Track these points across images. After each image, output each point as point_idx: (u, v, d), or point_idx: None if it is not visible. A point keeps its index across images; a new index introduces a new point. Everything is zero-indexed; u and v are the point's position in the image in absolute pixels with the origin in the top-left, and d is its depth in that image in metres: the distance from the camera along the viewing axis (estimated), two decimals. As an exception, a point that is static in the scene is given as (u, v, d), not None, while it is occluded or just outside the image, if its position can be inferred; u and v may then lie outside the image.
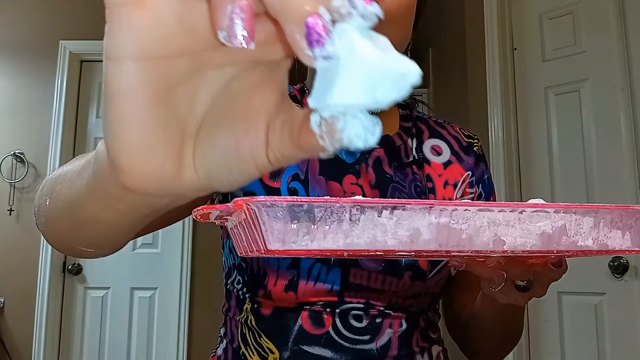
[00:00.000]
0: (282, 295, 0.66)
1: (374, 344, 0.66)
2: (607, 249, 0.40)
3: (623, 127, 2.12)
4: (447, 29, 2.99)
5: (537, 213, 0.38)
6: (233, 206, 0.34)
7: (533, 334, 2.29)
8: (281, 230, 0.34)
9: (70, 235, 0.39)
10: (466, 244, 0.37)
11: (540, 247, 0.38)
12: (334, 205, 0.35)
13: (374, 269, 0.66)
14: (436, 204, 0.36)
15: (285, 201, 0.34)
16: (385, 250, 0.36)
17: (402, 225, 0.36)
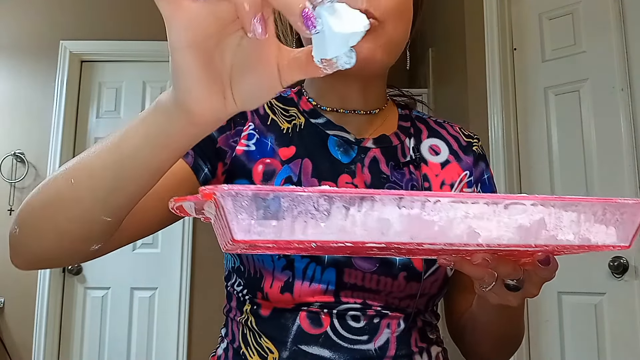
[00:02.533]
0: (279, 296, 0.66)
1: (372, 344, 0.66)
2: (589, 244, 0.39)
3: (623, 127, 2.12)
4: (447, 29, 2.99)
5: (514, 205, 0.37)
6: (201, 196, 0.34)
7: (533, 334, 2.29)
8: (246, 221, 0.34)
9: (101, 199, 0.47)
10: (439, 236, 0.36)
11: (517, 241, 0.37)
12: (300, 195, 0.34)
13: (368, 270, 0.66)
14: (406, 195, 0.35)
15: (250, 190, 0.33)
16: (355, 242, 0.35)
17: (372, 216, 0.35)
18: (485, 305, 0.66)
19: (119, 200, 0.48)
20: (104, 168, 0.46)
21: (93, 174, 0.47)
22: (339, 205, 0.35)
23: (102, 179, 0.46)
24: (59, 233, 0.50)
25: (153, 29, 3.25)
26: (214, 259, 2.78)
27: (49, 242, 0.52)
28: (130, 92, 3.28)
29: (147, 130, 0.44)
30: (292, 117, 0.75)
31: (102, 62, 3.31)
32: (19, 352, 2.98)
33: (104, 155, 0.46)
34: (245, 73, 0.39)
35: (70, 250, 0.52)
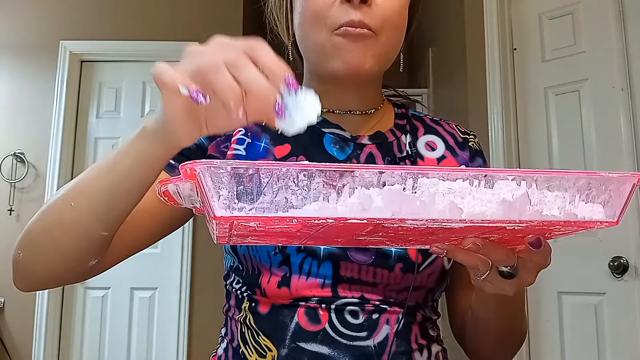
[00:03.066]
0: (277, 291, 0.66)
1: (371, 340, 0.66)
2: (575, 220, 0.38)
3: (623, 127, 2.12)
4: (447, 29, 2.99)
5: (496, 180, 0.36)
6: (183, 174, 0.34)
7: (533, 334, 2.28)
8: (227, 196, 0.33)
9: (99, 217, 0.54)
10: (421, 212, 0.35)
11: (501, 216, 0.36)
12: (280, 169, 0.34)
13: (364, 262, 0.66)
14: (386, 169, 0.35)
15: (229, 166, 0.33)
16: (337, 218, 0.34)
17: (353, 191, 0.34)
18: (484, 299, 0.66)
19: (114, 215, 0.55)
20: (100, 190, 0.53)
21: (90, 196, 0.54)
22: (319, 180, 0.34)
23: (99, 199, 0.53)
24: (61, 253, 0.57)
25: (153, 29, 3.27)
26: (214, 259, 2.78)
27: (51, 262, 0.58)
28: (130, 92, 3.28)
29: (135, 154, 0.51)
30: None
31: (102, 62, 3.31)
32: (19, 352, 2.98)
33: (98, 178, 0.54)
34: (217, 114, 0.45)
35: (70, 269, 0.59)
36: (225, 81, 0.41)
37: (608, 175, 0.38)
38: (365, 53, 0.66)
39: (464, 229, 0.40)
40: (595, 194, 0.38)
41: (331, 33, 0.66)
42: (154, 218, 0.69)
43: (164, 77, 0.42)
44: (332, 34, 0.66)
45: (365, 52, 0.66)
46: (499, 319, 0.69)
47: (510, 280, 0.51)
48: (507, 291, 0.53)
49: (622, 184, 0.38)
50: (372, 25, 0.66)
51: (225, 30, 3.27)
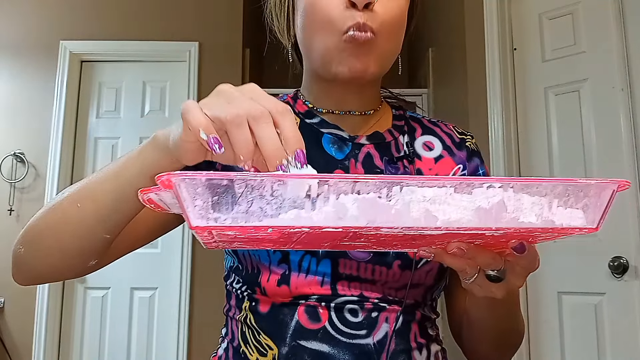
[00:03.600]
0: (276, 290, 0.67)
1: (370, 338, 0.66)
2: (553, 227, 0.38)
3: (623, 127, 2.12)
4: (447, 29, 2.99)
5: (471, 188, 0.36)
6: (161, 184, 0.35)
7: (533, 334, 2.29)
8: (202, 207, 0.34)
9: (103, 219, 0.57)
10: (395, 220, 0.35)
11: (477, 224, 0.36)
12: (254, 180, 0.34)
13: (362, 259, 0.67)
14: (361, 178, 0.35)
15: (204, 177, 0.33)
16: (312, 227, 0.35)
17: (328, 200, 0.35)
18: (476, 301, 0.66)
19: (118, 219, 0.57)
20: (106, 193, 0.56)
21: (97, 199, 0.57)
22: (294, 190, 0.35)
23: (104, 202, 0.56)
24: (64, 250, 0.59)
25: (153, 29, 3.27)
26: (214, 259, 2.79)
27: (53, 258, 0.60)
28: (130, 92, 3.28)
29: (143, 162, 0.54)
30: None
31: (102, 62, 3.31)
32: (19, 352, 2.98)
33: (105, 182, 0.56)
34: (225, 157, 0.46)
35: (71, 265, 0.61)
36: (243, 137, 0.43)
37: (586, 182, 0.38)
38: (369, 58, 0.68)
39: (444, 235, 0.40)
40: (574, 201, 0.38)
41: (338, 38, 0.67)
42: (156, 217, 0.70)
43: (190, 117, 0.44)
44: (340, 39, 0.67)
45: (369, 57, 0.68)
46: (493, 319, 0.69)
47: (498, 284, 0.51)
48: (495, 294, 0.53)
49: (601, 190, 0.38)
50: (373, 27, 0.67)
51: (225, 30, 3.27)
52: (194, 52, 3.21)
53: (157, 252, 3.12)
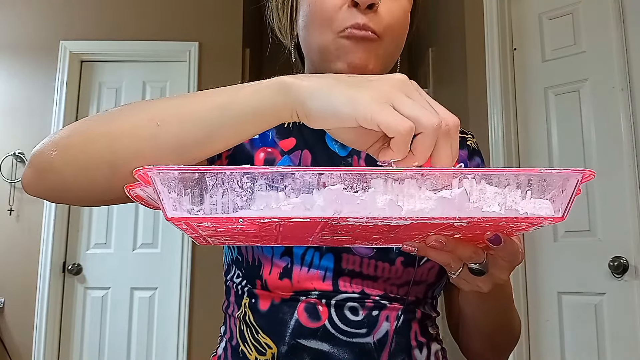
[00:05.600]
0: (278, 283, 0.67)
1: (371, 337, 0.66)
2: (517, 216, 0.39)
3: (623, 127, 2.12)
4: (447, 29, 2.99)
5: (433, 179, 0.37)
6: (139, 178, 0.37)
7: (533, 334, 2.29)
8: (175, 199, 0.36)
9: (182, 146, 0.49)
10: (361, 210, 0.37)
11: (440, 213, 0.38)
12: (224, 173, 0.36)
13: (365, 255, 0.67)
14: (326, 171, 0.36)
15: (176, 170, 0.35)
16: (281, 217, 0.36)
17: (295, 192, 0.36)
18: (466, 297, 0.67)
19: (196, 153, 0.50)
20: (202, 121, 0.48)
21: (185, 123, 0.48)
22: (262, 183, 0.36)
23: (195, 131, 0.48)
24: (115, 165, 0.50)
25: (153, 29, 3.27)
26: (214, 259, 2.79)
27: (97, 172, 0.50)
28: (130, 92, 3.28)
29: (260, 102, 0.47)
30: None
31: (102, 62, 3.31)
32: (19, 352, 2.98)
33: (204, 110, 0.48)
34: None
35: (112, 182, 0.51)
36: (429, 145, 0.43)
37: (548, 172, 0.39)
38: (368, 55, 0.68)
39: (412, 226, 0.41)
40: (537, 190, 0.39)
41: (336, 35, 0.67)
42: None
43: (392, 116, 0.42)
44: (337, 36, 0.67)
45: (368, 54, 0.68)
46: (484, 316, 0.70)
47: (482, 278, 0.52)
48: (481, 288, 0.53)
49: (565, 180, 0.39)
50: (376, 29, 0.67)
51: (225, 30, 3.27)
52: (194, 52, 3.21)
53: (157, 252, 3.12)
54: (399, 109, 0.43)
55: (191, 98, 0.50)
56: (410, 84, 0.46)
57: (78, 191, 0.53)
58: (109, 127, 0.51)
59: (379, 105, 0.42)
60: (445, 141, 0.43)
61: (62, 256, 3.10)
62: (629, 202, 2.07)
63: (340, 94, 0.44)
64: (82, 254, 3.13)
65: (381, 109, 0.42)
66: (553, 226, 2.28)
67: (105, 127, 0.51)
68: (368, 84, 0.45)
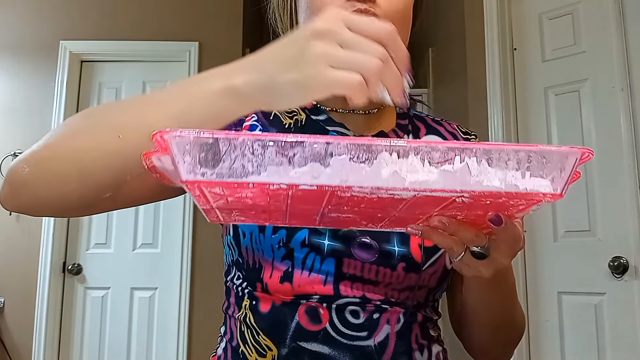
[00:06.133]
0: (279, 286, 0.66)
1: (371, 340, 0.66)
2: (517, 191, 0.40)
3: (623, 127, 2.12)
4: (447, 29, 2.99)
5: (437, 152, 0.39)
6: (155, 143, 0.38)
7: (533, 334, 2.29)
8: (190, 162, 0.37)
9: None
10: (366, 180, 0.38)
11: (442, 186, 0.39)
12: (236, 139, 0.37)
13: (367, 260, 0.67)
14: (334, 140, 0.38)
15: (192, 135, 0.37)
16: (289, 184, 0.38)
17: (304, 159, 0.38)
18: (469, 286, 0.66)
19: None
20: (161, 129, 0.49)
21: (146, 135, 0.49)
22: (272, 150, 0.38)
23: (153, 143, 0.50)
24: (84, 178, 0.52)
25: (153, 29, 3.27)
26: (214, 259, 2.78)
27: (68, 186, 0.52)
28: (130, 92, 3.28)
29: (217, 110, 0.49)
30: (294, 113, 0.77)
31: (102, 62, 3.31)
32: (19, 352, 2.98)
33: (163, 121, 0.49)
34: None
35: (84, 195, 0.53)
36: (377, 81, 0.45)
37: (547, 149, 0.40)
38: None
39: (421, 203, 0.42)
40: (537, 167, 0.40)
41: None
42: None
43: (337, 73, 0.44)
44: None
45: None
46: (487, 306, 0.69)
47: (484, 262, 0.52)
48: (483, 273, 0.53)
49: (564, 157, 0.40)
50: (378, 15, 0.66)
51: (225, 30, 3.27)
52: (194, 52, 3.21)
53: (157, 252, 3.12)
54: (339, 66, 0.45)
55: (149, 108, 0.52)
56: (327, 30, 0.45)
57: (53, 205, 0.55)
58: (75, 142, 0.52)
59: (321, 77, 0.45)
60: (390, 70, 0.45)
61: (62, 256, 3.10)
62: (629, 202, 2.07)
63: (284, 84, 0.46)
64: (82, 254, 3.13)
65: (325, 79, 0.45)
66: (553, 226, 2.28)
67: (72, 142, 0.53)
68: (299, 58, 0.46)
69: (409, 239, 0.68)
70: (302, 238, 0.66)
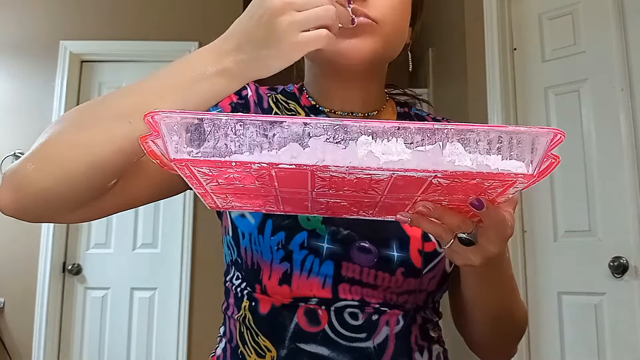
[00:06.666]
0: (277, 289, 0.66)
1: (370, 341, 0.66)
2: (489, 171, 0.41)
3: (623, 127, 2.12)
4: (447, 29, 2.99)
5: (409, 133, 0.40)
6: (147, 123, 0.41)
7: (533, 334, 2.29)
8: (177, 141, 0.40)
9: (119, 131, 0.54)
10: (342, 159, 0.40)
11: (415, 166, 0.40)
12: (220, 119, 0.40)
13: (366, 264, 0.67)
14: (311, 121, 0.40)
15: (178, 115, 0.40)
16: (269, 163, 0.40)
17: (283, 140, 0.40)
18: (465, 279, 0.66)
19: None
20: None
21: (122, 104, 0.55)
22: (252, 130, 0.40)
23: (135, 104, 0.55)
24: (93, 166, 0.54)
25: (153, 29, 3.27)
26: (214, 259, 2.78)
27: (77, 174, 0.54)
28: (130, 92, 3.28)
29: (214, 89, 0.56)
30: (292, 112, 0.77)
31: (102, 62, 3.31)
32: (19, 352, 2.98)
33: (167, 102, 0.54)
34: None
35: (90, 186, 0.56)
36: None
37: (518, 129, 0.41)
38: (361, 42, 0.66)
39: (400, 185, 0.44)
40: (508, 148, 0.41)
41: None
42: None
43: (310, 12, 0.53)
44: None
45: (361, 42, 0.66)
46: (484, 298, 0.68)
47: (473, 249, 0.53)
48: (472, 261, 0.54)
49: (535, 138, 0.41)
50: (371, 14, 0.66)
51: (225, 30, 3.28)
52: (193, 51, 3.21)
53: (157, 252, 3.12)
54: (305, 28, 0.53)
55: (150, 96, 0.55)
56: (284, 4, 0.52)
57: (58, 200, 0.56)
58: (84, 133, 0.55)
59: (295, 43, 0.53)
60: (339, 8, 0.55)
61: (62, 256, 3.10)
62: (629, 202, 2.07)
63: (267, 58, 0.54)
64: (82, 254, 3.13)
65: (299, 44, 0.53)
66: (553, 226, 2.28)
67: (80, 133, 0.55)
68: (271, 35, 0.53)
69: (409, 244, 0.68)
70: (301, 240, 0.66)
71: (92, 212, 0.61)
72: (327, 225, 0.67)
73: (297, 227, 0.66)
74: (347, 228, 0.67)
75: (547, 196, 2.29)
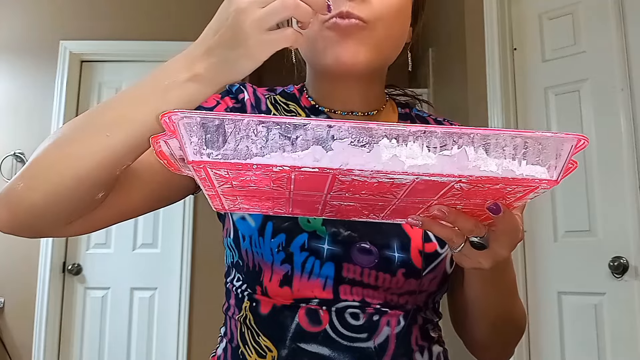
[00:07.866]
0: (278, 290, 0.66)
1: (371, 342, 0.66)
2: (514, 177, 0.40)
3: (623, 127, 2.12)
4: (447, 29, 2.99)
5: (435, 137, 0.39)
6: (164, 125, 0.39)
7: (533, 334, 2.29)
8: (196, 143, 0.39)
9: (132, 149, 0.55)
10: (366, 163, 0.39)
11: (440, 170, 0.40)
12: (241, 121, 0.38)
13: (367, 265, 0.67)
14: (336, 123, 0.39)
15: (199, 116, 0.38)
16: (292, 166, 0.39)
17: (306, 143, 0.39)
18: (469, 280, 0.66)
19: (146, 146, 0.55)
20: (144, 124, 0.54)
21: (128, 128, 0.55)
22: (275, 132, 0.39)
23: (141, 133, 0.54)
24: (78, 179, 0.55)
25: (153, 29, 3.27)
26: (214, 259, 2.78)
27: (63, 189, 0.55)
28: (130, 92, 3.28)
29: (187, 96, 0.55)
30: (292, 113, 0.76)
31: (102, 62, 3.31)
32: (19, 352, 2.98)
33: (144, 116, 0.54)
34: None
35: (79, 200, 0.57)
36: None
37: (544, 135, 0.40)
38: (357, 46, 0.66)
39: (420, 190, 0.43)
40: (533, 153, 0.40)
41: (321, 25, 0.66)
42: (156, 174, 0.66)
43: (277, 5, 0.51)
44: (322, 26, 0.66)
45: (357, 46, 0.66)
46: (487, 299, 0.68)
47: (484, 253, 0.53)
48: (482, 264, 0.54)
49: (560, 144, 0.40)
50: (364, 16, 0.65)
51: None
52: (194, 52, 3.21)
53: (157, 252, 3.12)
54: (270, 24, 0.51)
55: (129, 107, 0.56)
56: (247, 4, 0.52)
57: (50, 214, 0.57)
58: (69, 147, 0.56)
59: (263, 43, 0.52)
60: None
61: (62, 256, 3.10)
62: (629, 202, 2.07)
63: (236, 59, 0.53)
64: (82, 254, 3.13)
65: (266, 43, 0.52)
66: (553, 226, 2.28)
67: (66, 147, 0.56)
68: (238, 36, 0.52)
69: (409, 245, 0.68)
70: (301, 242, 0.66)
71: (88, 225, 0.62)
72: (328, 226, 0.67)
73: (297, 229, 0.66)
74: (348, 229, 0.67)
75: (547, 196, 2.29)
